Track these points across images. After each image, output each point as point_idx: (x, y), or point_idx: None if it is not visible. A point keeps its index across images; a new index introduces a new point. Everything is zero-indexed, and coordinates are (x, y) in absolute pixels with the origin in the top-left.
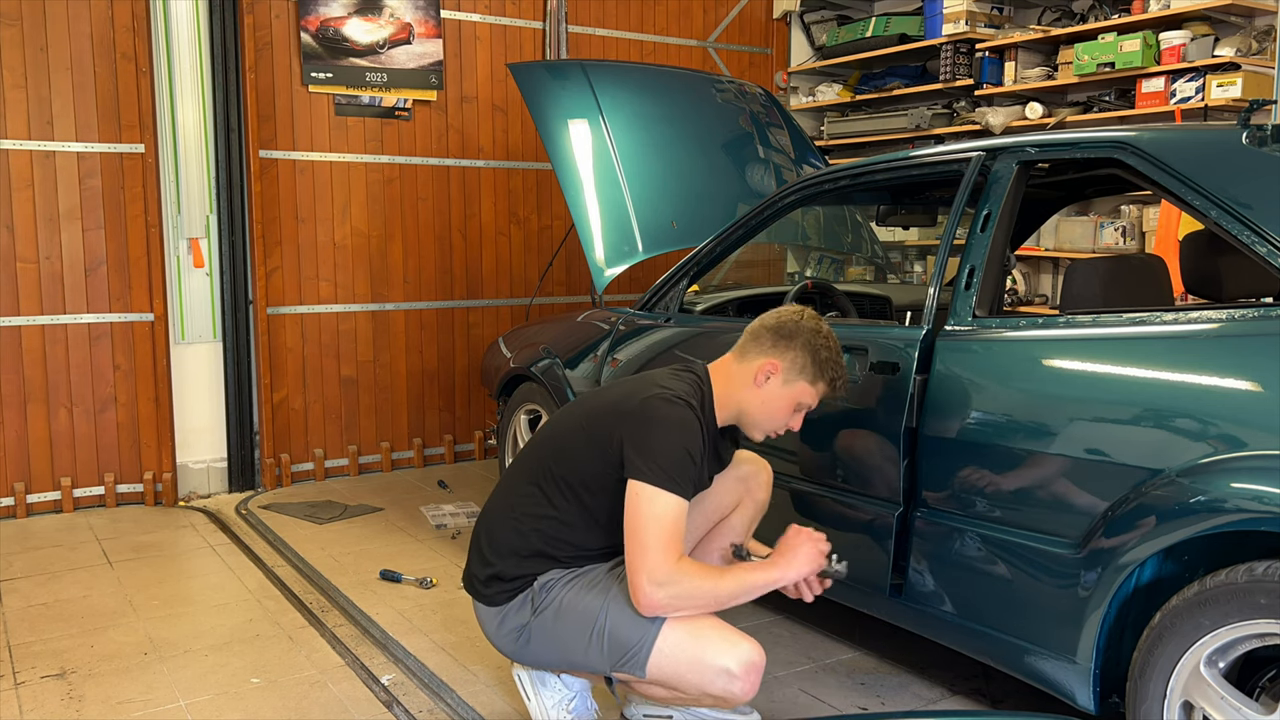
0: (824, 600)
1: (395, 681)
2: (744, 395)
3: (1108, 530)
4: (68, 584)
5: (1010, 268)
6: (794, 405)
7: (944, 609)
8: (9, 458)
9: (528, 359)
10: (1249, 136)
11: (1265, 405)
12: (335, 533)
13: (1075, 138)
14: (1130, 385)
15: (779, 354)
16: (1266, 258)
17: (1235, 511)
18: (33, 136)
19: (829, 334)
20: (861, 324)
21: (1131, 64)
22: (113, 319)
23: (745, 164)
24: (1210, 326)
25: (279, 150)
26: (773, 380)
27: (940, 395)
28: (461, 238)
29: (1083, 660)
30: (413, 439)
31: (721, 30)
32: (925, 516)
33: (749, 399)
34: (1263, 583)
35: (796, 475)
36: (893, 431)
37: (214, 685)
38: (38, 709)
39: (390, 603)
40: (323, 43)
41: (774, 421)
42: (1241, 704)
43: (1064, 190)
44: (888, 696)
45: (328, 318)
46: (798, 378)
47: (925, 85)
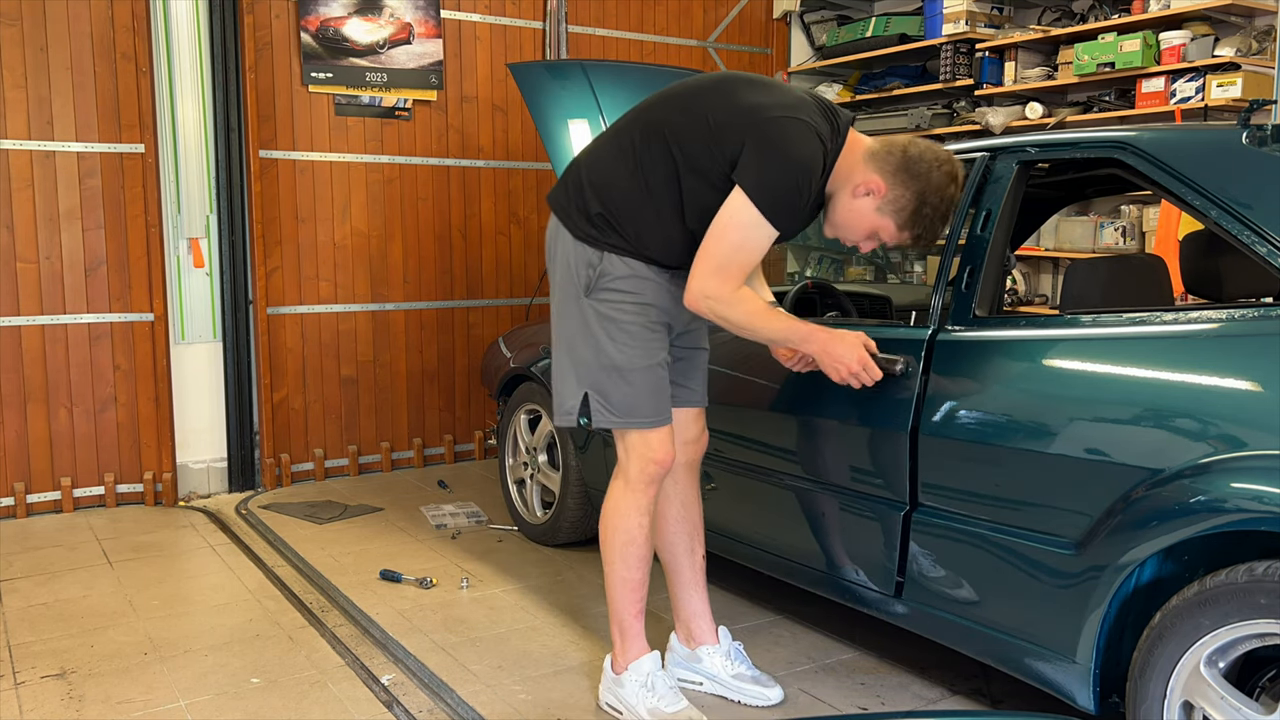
0: (824, 600)
1: (395, 681)
2: (843, 189)
3: (1108, 530)
4: (68, 584)
5: (1010, 268)
6: (872, 231)
7: (944, 609)
8: (9, 458)
9: (528, 359)
10: (1249, 136)
11: (1265, 405)
12: (335, 533)
13: (1075, 138)
14: (1130, 385)
15: (890, 181)
16: (1266, 258)
17: (1235, 511)
18: (33, 136)
19: (947, 196)
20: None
21: (1131, 64)
22: (113, 319)
23: None
24: (1210, 326)
25: (279, 150)
26: (869, 199)
27: (940, 395)
28: (461, 238)
29: (1083, 660)
30: (413, 439)
31: (721, 30)
32: (926, 516)
33: (843, 196)
34: (1263, 583)
35: (800, 474)
36: (899, 431)
37: (214, 685)
38: (38, 709)
39: (390, 603)
40: (323, 43)
41: (847, 232)
42: (1241, 704)
43: (1064, 190)
44: (888, 696)
45: (328, 318)
46: (890, 214)
47: (925, 85)
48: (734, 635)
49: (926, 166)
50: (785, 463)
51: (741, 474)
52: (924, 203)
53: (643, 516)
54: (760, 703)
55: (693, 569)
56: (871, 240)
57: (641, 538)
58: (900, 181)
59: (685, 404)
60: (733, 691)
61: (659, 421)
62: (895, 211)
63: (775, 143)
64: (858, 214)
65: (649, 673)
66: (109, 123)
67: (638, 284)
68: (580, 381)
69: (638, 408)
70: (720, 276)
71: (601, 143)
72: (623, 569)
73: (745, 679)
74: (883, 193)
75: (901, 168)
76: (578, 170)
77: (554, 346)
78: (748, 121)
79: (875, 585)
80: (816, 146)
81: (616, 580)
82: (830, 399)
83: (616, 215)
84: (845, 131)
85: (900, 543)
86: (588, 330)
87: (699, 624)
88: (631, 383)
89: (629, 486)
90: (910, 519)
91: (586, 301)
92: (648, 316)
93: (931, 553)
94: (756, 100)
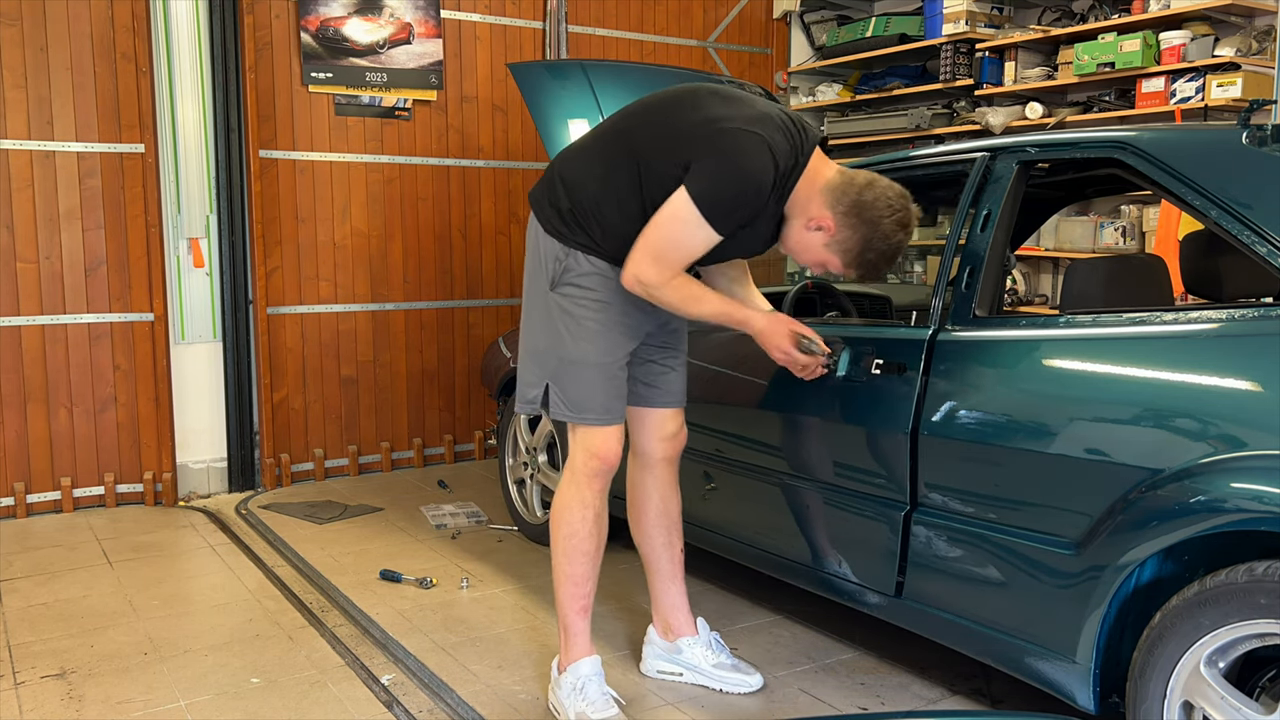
0: (824, 600)
1: (395, 681)
2: (798, 217)
3: (1108, 530)
4: (68, 584)
5: (1010, 268)
6: (820, 263)
7: (944, 609)
8: (9, 458)
9: None
10: (1249, 136)
11: (1265, 405)
12: (335, 533)
13: (1075, 138)
14: (1130, 385)
15: (839, 223)
16: (1266, 258)
17: (1235, 511)
18: (33, 136)
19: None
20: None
21: (1131, 64)
22: (113, 319)
23: None
24: (1210, 326)
25: (279, 150)
26: (819, 234)
27: (940, 395)
28: (461, 237)
29: (1083, 660)
30: (413, 439)
31: (721, 30)
32: (926, 516)
33: (796, 224)
34: (1263, 583)
35: (801, 474)
36: (900, 431)
37: (214, 685)
38: (38, 709)
39: (390, 603)
40: (323, 43)
41: (798, 257)
42: (1241, 704)
43: (1064, 190)
44: (888, 696)
45: (328, 318)
46: (837, 252)
47: (925, 85)
48: (734, 635)
49: (877, 213)
50: (785, 463)
51: (741, 474)
52: (869, 248)
53: (585, 510)
54: (743, 689)
55: (671, 562)
56: (821, 268)
57: (584, 531)
58: (849, 224)
59: (660, 405)
60: (715, 681)
61: (608, 420)
62: (842, 251)
63: (726, 151)
64: (806, 245)
65: (583, 676)
66: (109, 123)
67: (600, 282)
68: (542, 371)
69: (588, 403)
70: (656, 265)
71: (580, 144)
72: (565, 563)
73: (726, 667)
74: (831, 232)
75: (853, 211)
76: (554, 167)
77: (521, 335)
78: (705, 132)
79: (875, 585)
80: (767, 162)
81: (560, 575)
82: (830, 399)
83: (584, 214)
84: (809, 153)
85: (900, 543)
86: (550, 322)
87: (677, 616)
88: (585, 378)
89: (573, 479)
90: (910, 519)
91: (551, 295)
92: (607, 314)
93: (932, 553)
94: (718, 113)
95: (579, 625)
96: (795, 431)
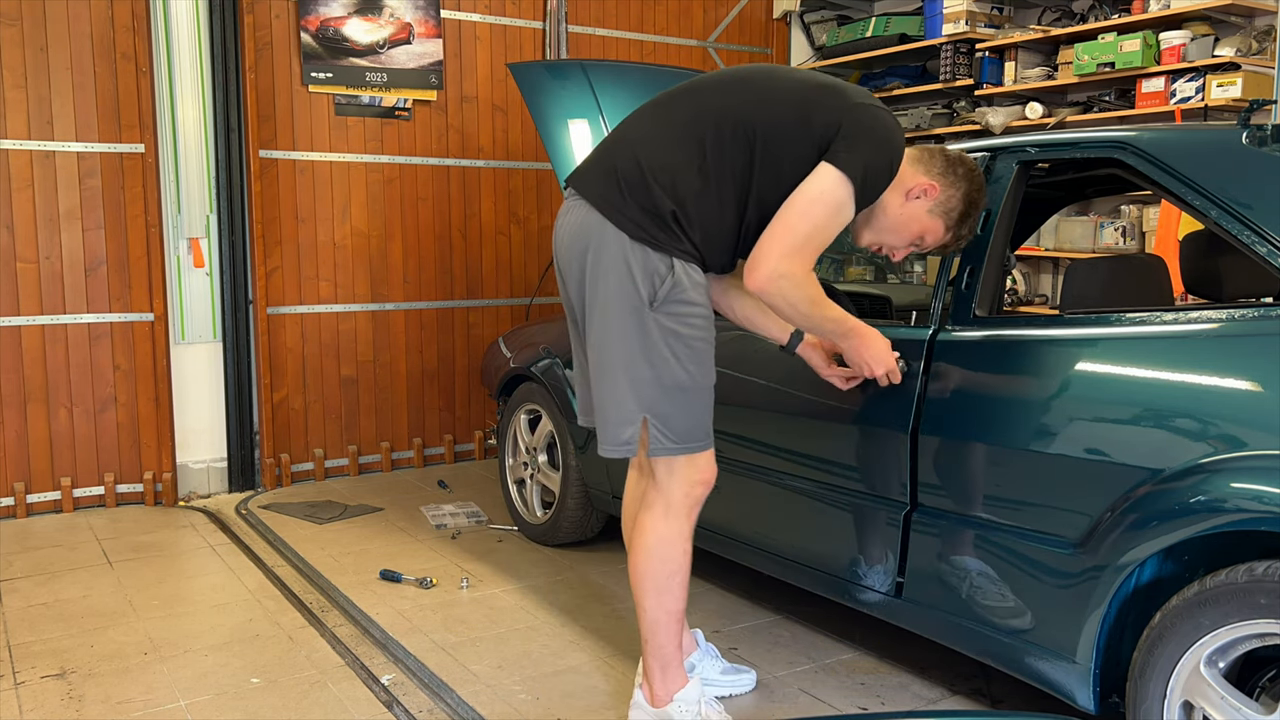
0: (824, 600)
1: (395, 681)
2: (890, 197)
3: (1108, 530)
4: (68, 584)
5: (1010, 268)
6: (918, 236)
7: (944, 609)
8: (9, 458)
9: (528, 359)
10: (1249, 136)
11: (1265, 405)
12: (335, 533)
13: (1075, 138)
14: (1130, 385)
15: (945, 182)
16: (1266, 258)
17: (1235, 511)
18: (33, 136)
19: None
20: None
21: (1131, 64)
22: (113, 319)
23: None
24: (1210, 326)
25: (279, 150)
26: (921, 201)
27: (940, 395)
28: (461, 237)
29: (1083, 660)
30: (413, 439)
31: (721, 30)
32: (926, 516)
33: (892, 203)
34: (1263, 583)
35: (801, 474)
36: (899, 431)
37: (214, 685)
38: (38, 709)
39: (390, 603)
40: (323, 43)
41: (893, 237)
42: (1241, 704)
43: (1064, 190)
44: (888, 696)
45: (328, 318)
46: (941, 214)
47: (925, 85)
48: (734, 635)
49: (968, 168)
50: (786, 463)
51: (742, 474)
52: (972, 204)
53: (687, 543)
54: (746, 688)
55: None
56: (912, 245)
57: (687, 565)
58: (951, 182)
59: None
60: (724, 688)
61: (710, 442)
62: (945, 213)
63: (873, 127)
64: (909, 216)
65: (695, 700)
66: (109, 123)
67: (703, 294)
68: (640, 405)
69: (696, 430)
70: (799, 256)
71: (653, 131)
72: (668, 601)
73: (730, 671)
74: (936, 194)
75: (949, 169)
76: (633, 161)
77: (601, 367)
78: (840, 104)
79: (875, 585)
80: (902, 137)
81: (661, 614)
82: (831, 399)
83: (689, 216)
84: None
85: (900, 543)
86: (652, 347)
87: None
88: (696, 404)
89: (671, 512)
90: (910, 519)
91: (652, 315)
92: (711, 331)
93: (932, 553)
94: (836, 86)
95: (679, 658)
96: (795, 431)
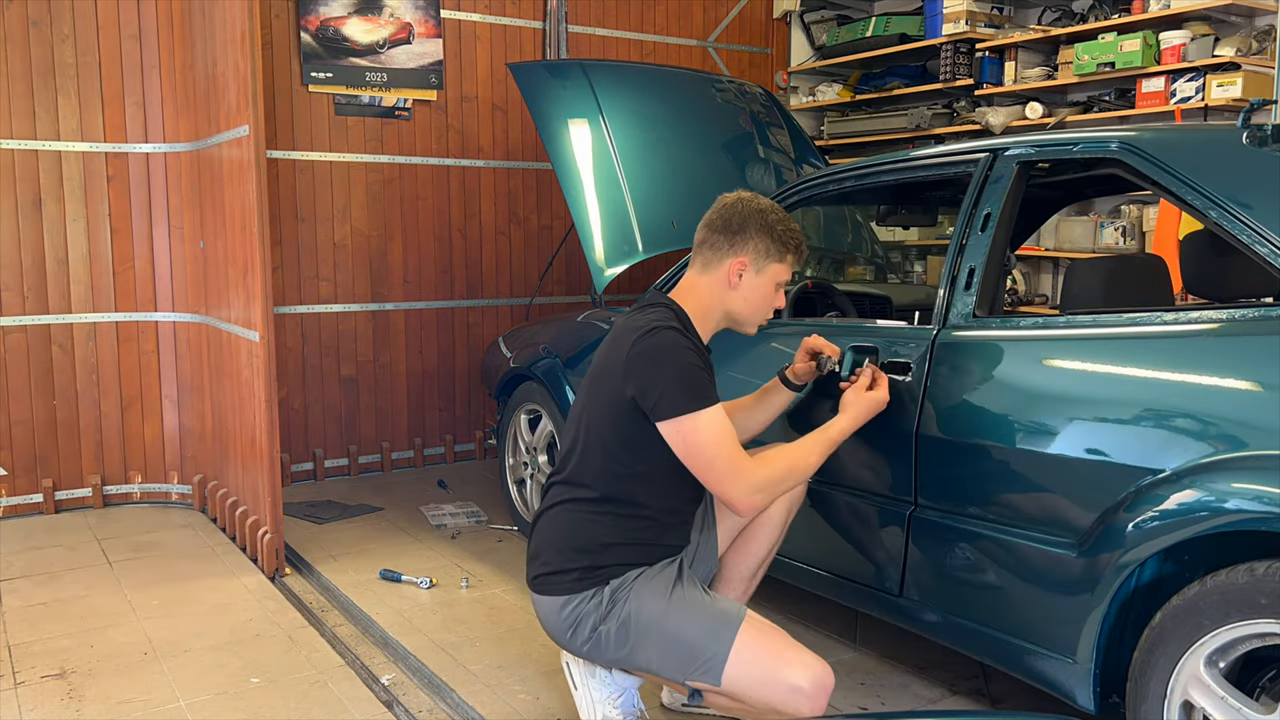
0: (824, 600)
1: (395, 681)
2: (725, 300)
3: (1108, 530)
4: (68, 584)
5: (1010, 268)
6: (774, 288)
7: (945, 608)
8: (8, 457)
9: (528, 359)
10: (1249, 136)
11: (1265, 405)
12: (335, 533)
13: (1075, 138)
14: (1130, 385)
15: (739, 249)
16: (1266, 258)
17: (1235, 511)
18: (34, 136)
19: (770, 205)
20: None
21: (1131, 64)
22: (114, 319)
23: (745, 164)
24: (1210, 326)
25: (279, 150)
26: (746, 275)
27: (941, 395)
28: (461, 237)
29: (1083, 660)
30: (413, 439)
31: (721, 30)
32: (926, 516)
33: (732, 301)
34: (1263, 583)
35: None
36: (905, 431)
37: (214, 685)
38: (38, 709)
39: (390, 603)
40: (323, 42)
41: (762, 312)
42: (1241, 704)
43: (1064, 190)
44: (888, 696)
45: (328, 317)
46: (766, 262)
47: (925, 85)
48: None
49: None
50: None
51: None
52: (770, 226)
53: None
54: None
55: None
56: (779, 290)
57: None
58: (742, 240)
59: None
60: None
61: None
62: (766, 256)
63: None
64: (753, 290)
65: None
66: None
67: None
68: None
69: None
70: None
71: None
72: None
73: None
74: (745, 261)
75: (730, 234)
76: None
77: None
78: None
79: (877, 585)
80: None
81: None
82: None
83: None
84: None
85: (902, 542)
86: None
87: None
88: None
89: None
90: (912, 519)
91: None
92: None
93: (932, 552)
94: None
95: None
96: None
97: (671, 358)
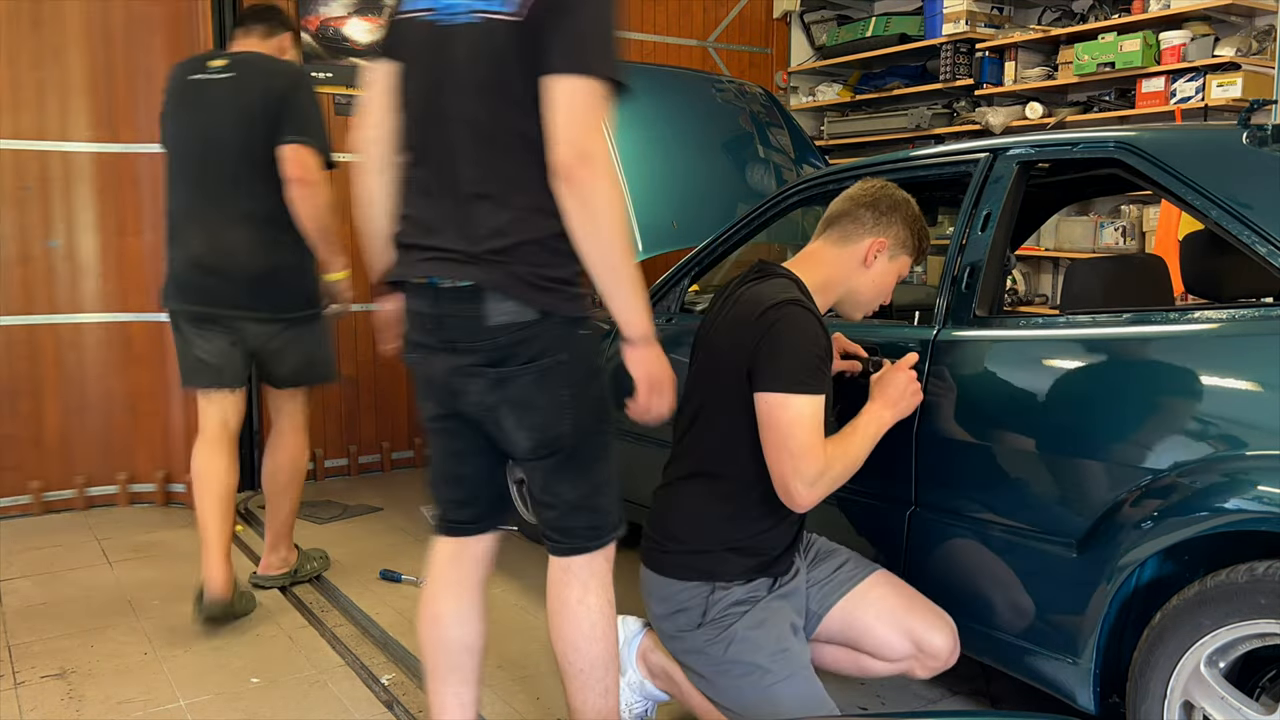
0: None
1: (395, 681)
2: (853, 277)
3: (1108, 530)
4: (67, 584)
5: (1010, 268)
6: (896, 280)
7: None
8: (7, 457)
9: None
10: (1249, 136)
11: (1265, 405)
12: (335, 533)
13: (1075, 138)
14: (1130, 385)
15: (883, 230)
16: (1266, 258)
17: (1235, 511)
18: (33, 136)
19: (907, 198)
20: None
21: (1131, 64)
22: (114, 318)
23: (745, 164)
24: (1210, 326)
25: None
26: (881, 257)
27: (941, 395)
28: None
29: (1083, 660)
30: (413, 439)
31: (721, 30)
32: (927, 515)
33: (860, 280)
34: (1263, 583)
35: None
36: (904, 431)
37: (214, 685)
38: (38, 709)
39: (390, 603)
40: (323, 42)
41: (880, 299)
42: (1242, 704)
43: (1064, 190)
44: (888, 696)
45: None
46: (901, 252)
47: (925, 85)
48: None
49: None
50: None
51: None
52: (913, 220)
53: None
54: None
55: None
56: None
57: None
58: (888, 223)
59: None
60: None
61: None
62: (902, 246)
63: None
64: (882, 275)
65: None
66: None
67: None
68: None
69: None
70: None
71: None
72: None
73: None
74: (885, 243)
75: (878, 214)
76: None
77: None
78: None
79: None
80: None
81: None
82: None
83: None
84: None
85: (902, 542)
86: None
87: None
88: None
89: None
90: (912, 518)
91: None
92: None
93: (932, 553)
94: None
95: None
96: None
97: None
